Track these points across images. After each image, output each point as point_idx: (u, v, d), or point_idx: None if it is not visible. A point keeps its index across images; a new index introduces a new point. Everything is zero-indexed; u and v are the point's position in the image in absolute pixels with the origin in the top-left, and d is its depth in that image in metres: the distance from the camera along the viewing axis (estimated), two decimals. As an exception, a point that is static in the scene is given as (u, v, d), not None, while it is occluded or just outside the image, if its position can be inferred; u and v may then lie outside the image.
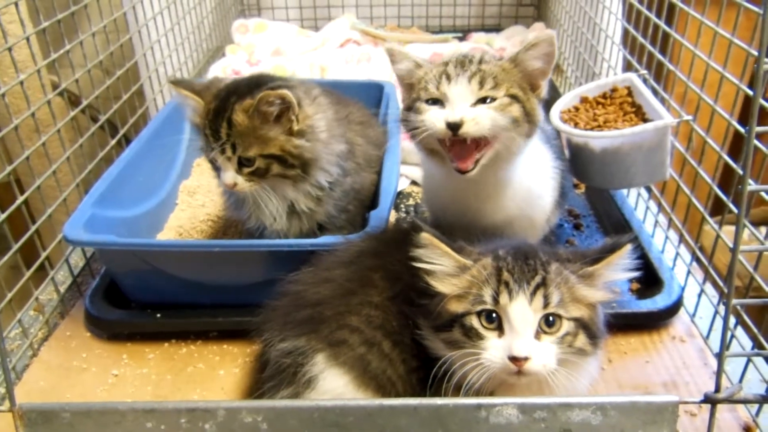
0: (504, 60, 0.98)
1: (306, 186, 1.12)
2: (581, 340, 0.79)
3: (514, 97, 0.95)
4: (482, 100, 0.93)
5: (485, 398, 0.75)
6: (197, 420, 0.73)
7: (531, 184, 1.06)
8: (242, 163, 1.07)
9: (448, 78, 0.94)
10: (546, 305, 0.77)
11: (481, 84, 0.93)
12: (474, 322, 0.79)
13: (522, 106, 0.95)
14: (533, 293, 0.77)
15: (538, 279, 0.78)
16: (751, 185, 0.71)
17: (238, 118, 1.04)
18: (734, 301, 0.74)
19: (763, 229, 2.00)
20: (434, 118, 0.93)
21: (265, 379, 0.91)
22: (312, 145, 1.09)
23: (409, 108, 0.98)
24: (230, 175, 1.08)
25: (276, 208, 1.12)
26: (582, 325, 0.79)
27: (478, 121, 0.91)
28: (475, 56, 0.98)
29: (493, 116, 0.92)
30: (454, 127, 0.91)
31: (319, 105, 1.13)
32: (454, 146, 0.95)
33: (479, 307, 0.79)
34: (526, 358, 0.76)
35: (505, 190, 1.03)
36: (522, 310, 0.77)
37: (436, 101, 0.95)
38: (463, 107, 0.93)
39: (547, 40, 0.95)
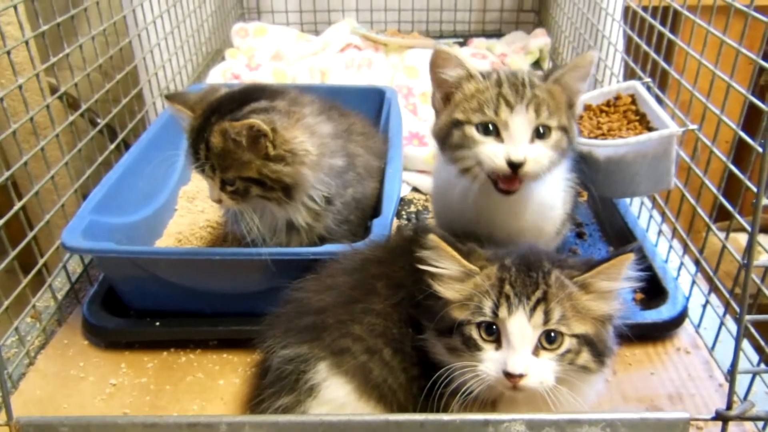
0: (549, 81, 0.95)
1: (296, 205, 1.08)
2: (584, 357, 0.77)
3: (564, 130, 0.93)
4: (537, 130, 0.91)
5: (493, 414, 0.74)
6: (198, 434, 0.72)
7: (545, 196, 1.04)
8: (225, 182, 1.05)
9: (508, 104, 0.90)
10: (546, 321, 0.75)
11: (538, 113, 0.90)
12: (473, 332, 0.77)
13: (568, 136, 0.94)
14: (533, 309, 0.76)
15: (539, 294, 0.76)
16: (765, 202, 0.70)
17: (215, 140, 1.01)
18: (747, 317, 0.73)
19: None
20: (492, 155, 0.90)
21: (266, 385, 0.90)
22: (292, 170, 1.04)
23: (453, 126, 0.94)
24: (215, 192, 1.06)
25: (259, 227, 1.08)
26: (586, 341, 0.77)
27: (538, 160, 0.90)
28: (525, 78, 0.94)
29: (551, 155, 0.92)
30: (515, 166, 0.88)
31: (305, 127, 1.07)
32: None
33: (479, 319, 0.77)
34: (521, 375, 0.74)
35: (524, 202, 1.01)
36: (520, 326, 0.75)
37: (487, 128, 0.91)
38: (525, 145, 0.90)
39: (591, 61, 0.95)
